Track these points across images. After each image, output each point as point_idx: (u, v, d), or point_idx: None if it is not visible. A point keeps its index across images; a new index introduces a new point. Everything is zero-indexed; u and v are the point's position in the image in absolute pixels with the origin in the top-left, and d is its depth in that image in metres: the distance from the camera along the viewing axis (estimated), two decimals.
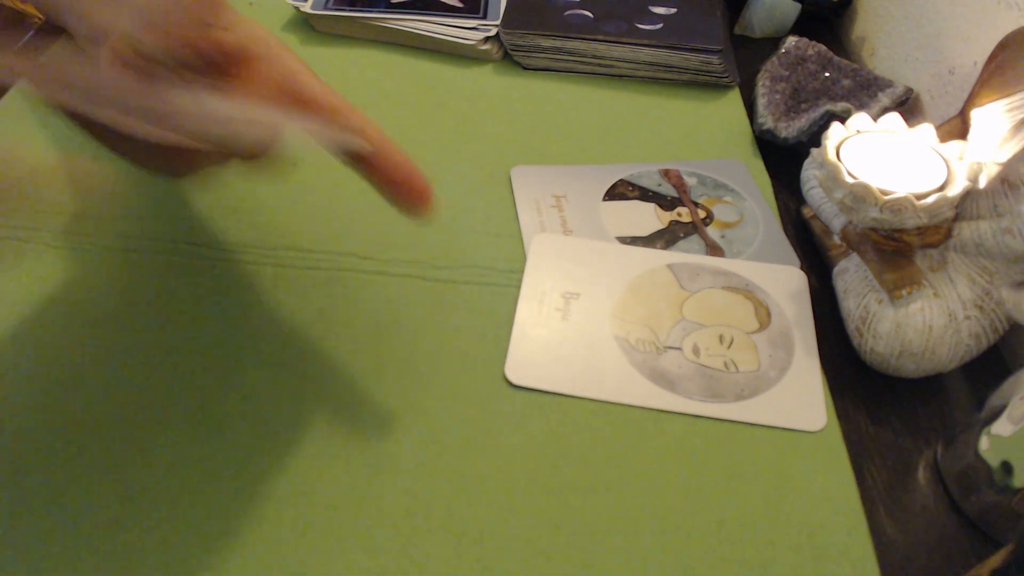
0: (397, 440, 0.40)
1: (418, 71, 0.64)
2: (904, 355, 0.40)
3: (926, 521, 0.38)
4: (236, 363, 0.42)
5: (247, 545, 0.35)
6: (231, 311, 0.45)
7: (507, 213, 0.52)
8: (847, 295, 0.43)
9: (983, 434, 0.37)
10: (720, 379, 0.42)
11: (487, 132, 0.58)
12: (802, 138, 0.55)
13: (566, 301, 0.46)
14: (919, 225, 0.39)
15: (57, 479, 0.37)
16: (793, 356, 0.43)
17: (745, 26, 0.71)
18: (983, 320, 0.39)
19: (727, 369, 0.43)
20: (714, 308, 0.46)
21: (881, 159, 0.41)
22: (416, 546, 0.36)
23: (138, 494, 0.37)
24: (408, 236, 0.50)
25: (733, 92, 0.63)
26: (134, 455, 0.38)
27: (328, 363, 0.43)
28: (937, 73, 0.58)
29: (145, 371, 0.42)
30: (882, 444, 0.41)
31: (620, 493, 0.38)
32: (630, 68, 0.63)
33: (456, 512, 0.37)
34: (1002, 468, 0.36)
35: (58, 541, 0.35)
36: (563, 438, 0.40)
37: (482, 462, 0.39)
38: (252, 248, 0.49)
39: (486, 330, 0.45)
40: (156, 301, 0.45)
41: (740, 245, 0.50)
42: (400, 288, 0.47)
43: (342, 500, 0.37)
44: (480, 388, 0.42)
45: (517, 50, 0.64)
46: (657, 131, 0.59)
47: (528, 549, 0.36)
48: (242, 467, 0.38)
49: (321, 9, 0.65)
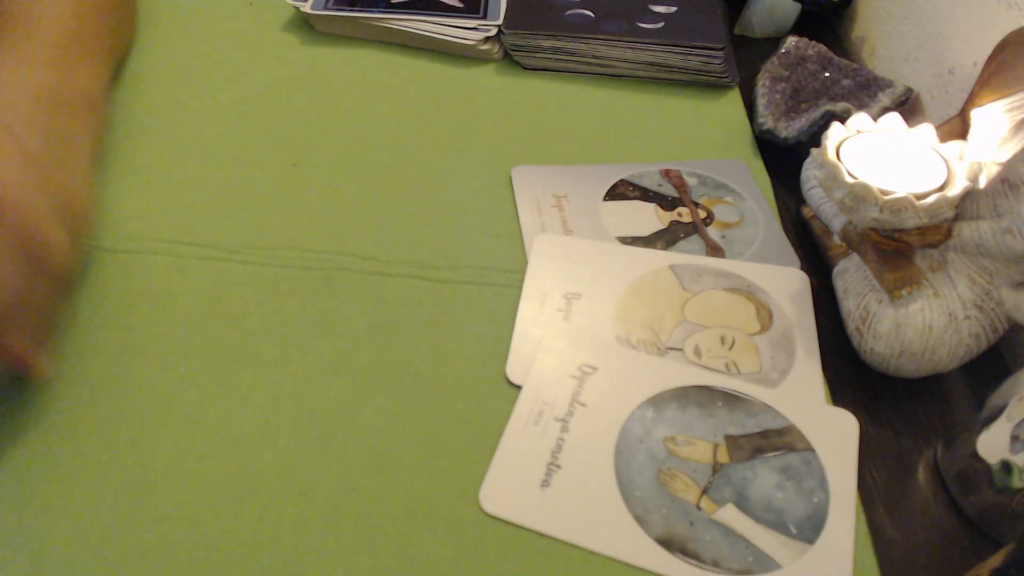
0: (397, 440, 0.40)
1: (418, 71, 0.64)
2: (904, 355, 0.40)
3: (926, 521, 0.38)
4: (236, 363, 0.42)
5: (247, 545, 0.35)
6: (231, 311, 0.45)
7: (507, 213, 0.52)
8: (847, 295, 0.43)
9: (983, 434, 0.37)
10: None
11: (487, 132, 0.58)
12: (802, 138, 0.55)
13: (568, 301, 0.46)
14: (919, 225, 0.39)
15: (56, 479, 0.37)
16: (794, 358, 0.43)
17: (745, 26, 0.71)
18: (983, 320, 0.39)
19: (728, 371, 0.43)
20: (716, 309, 0.46)
21: (881, 159, 0.41)
22: (416, 546, 0.36)
23: (137, 494, 0.37)
24: (408, 236, 0.50)
25: (733, 92, 0.63)
26: (133, 454, 0.38)
27: (328, 363, 0.43)
28: (937, 73, 0.58)
29: (145, 371, 0.42)
30: (882, 444, 0.41)
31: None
32: (630, 68, 0.63)
33: (456, 512, 0.37)
34: (1002, 468, 0.36)
35: (58, 541, 0.35)
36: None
37: (482, 462, 0.39)
38: (252, 248, 0.49)
39: (486, 330, 0.45)
40: (156, 301, 0.45)
41: (740, 245, 0.50)
42: (400, 288, 0.47)
43: (342, 500, 0.37)
44: (480, 388, 0.42)
45: (517, 50, 0.64)
46: (657, 131, 0.59)
47: (529, 547, 0.36)
48: (242, 467, 0.38)
49: (321, 9, 0.65)
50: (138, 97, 0.60)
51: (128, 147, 0.55)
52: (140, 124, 0.57)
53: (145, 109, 0.59)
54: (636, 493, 0.37)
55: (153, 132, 0.57)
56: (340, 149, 0.56)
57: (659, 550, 0.35)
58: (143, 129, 0.57)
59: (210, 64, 0.63)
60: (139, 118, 0.58)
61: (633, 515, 0.37)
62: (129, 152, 0.55)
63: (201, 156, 0.55)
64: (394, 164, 0.55)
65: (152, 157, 0.55)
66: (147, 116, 0.58)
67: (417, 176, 0.54)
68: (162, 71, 0.62)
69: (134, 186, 0.52)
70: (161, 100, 0.60)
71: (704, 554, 0.35)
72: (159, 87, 0.61)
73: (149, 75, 0.62)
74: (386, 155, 0.56)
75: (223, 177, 0.53)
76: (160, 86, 0.61)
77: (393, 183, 0.53)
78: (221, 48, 0.65)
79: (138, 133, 0.56)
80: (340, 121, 0.58)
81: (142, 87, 0.61)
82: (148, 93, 0.60)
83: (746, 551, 0.36)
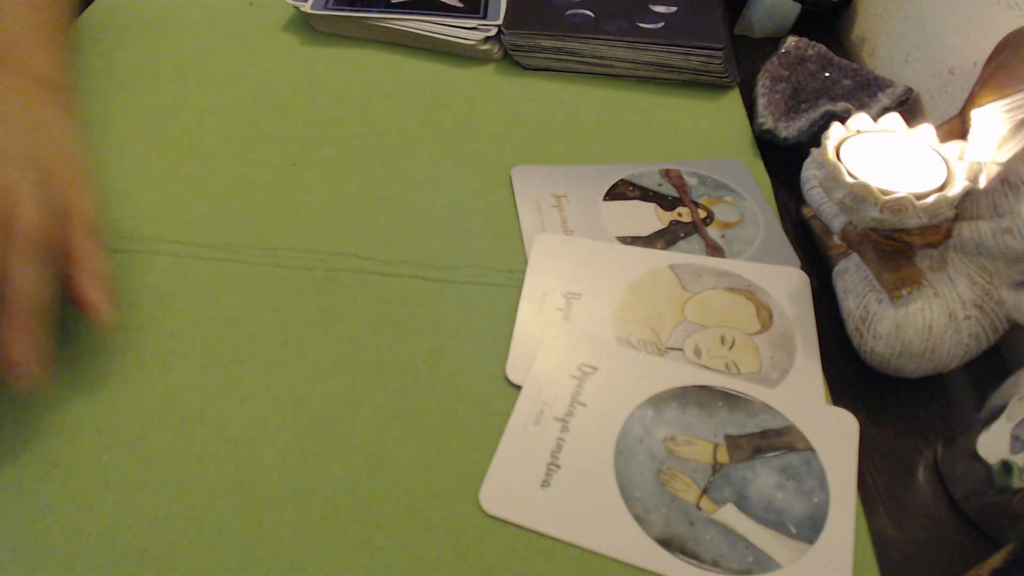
0: (397, 440, 0.40)
1: (418, 71, 0.64)
2: (904, 355, 0.40)
3: (926, 521, 0.38)
4: (236, 363, 0.42)
5: (247, 545, 0.35)
6: (231, 311, 0.45)
7: (507, 213, 0.52)
8: (847, 295, 0.43)
9: (983, 434, 0.37)
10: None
11: (487, 132, 0.58)
12: (802, 138, 0.55)
13: (568, 301, 0.46)
14: (919, 225, 0.39)
15: (56, 479, 0.37)
16: (794, 358, 0.43)
17: (745, 26, 0.71)
18: (983, 320, 0.39)
19: (728, 371, 0.43)
20: (716, 309, 0.46)
21: (881, 159, 0.41)
22: (416, 546, 0.36)
23: (137, 494, 0.37)
24: (408, 236, 0.50)
25: (733, 92, 0.63)
26: (133, 455, 0.38)
27: (328, 363, 0.43)
28: (937, 73, 0.58)
29: (145, 371, 0.42)
30: (882, 444, 0.41)
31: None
32: (630, 68, 0.63)
33: (457, 512, 0.37)
34: (1002, 468, 0.36)
35: (58, 541, 0.35)
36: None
37: (482, 462, 0.39)
38: (252, 248, 0.49)
39: (486, 330, 0.45)
40: (156, 301, 0.45)
41: (740, 245, 0.50)
42: (400, 288, 0.47)
43: (342, 500, 0.37)
44: (480, 388, 0.42)
45: (517, 50, 0.64)
46: (657, 131, 0.59)
47: (529, 547, 0.36)
48: (242, 467, 0.38)
49: (321, 9, 0.65)
50: (138, 97, 0.60)
51: (128, 147, 0.55)
52: (140, 124, 0.57)
53: (145, 109, 0.59)
54: (636, 493, 0.37)
55: (153, 132, 0.57)
56: (340, 149, 0.56)
57: (659, 550, 0.35)
58: (143, 129, 0.57)
59: (210, 64, 0.63)
60: (139, 118, 0.58)
61: (633, 515, 0.37)
62: (129, 152, 0.55)
63: (201, 156, 0.55)
64: (394, 164, 0.55)
65: (152, 157, 0.55)
66: (147, 116, 0.58)
67: (417, 176, 0.54)
68: (162, 71, 0.62)
69: (134, 186, 0.52)
70: (161, 100, 0.60)
71: (704, 554, 0.35)
72: (159, 87, 0.61)
73: (149, 75, 0.62)
74: (386, 155, 0.56)
75: (223, 177, 0.53)
76: (160, 86, 0.61)
77: (393, 183, 0.53)
78: (221, 48, 0.65)
79: (138, 133, 0.56)
80: (340, 121, 0.58)
81: (142, 87, 0.61)
82: (148, 93, 0.60)
83: (746, 551, 0.36)
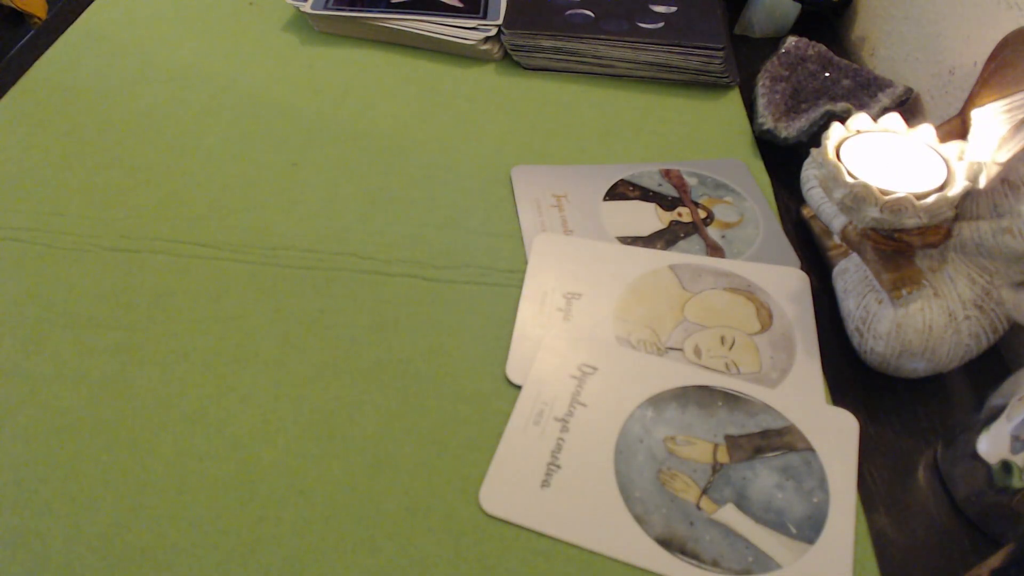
0: (397, 440, 0.40)
1: (418, 71, 0.64)
2: (904, 355, 0.40)
3: (926, 521, 0.38)
4: (236, 363, 0.42)
5: (247, 545, 0.35)
6: (231, 311, 0.45)
7: (507, 213, 0.52)
8: (847, 295, 0.43)
9: (983, 434, 0.37)
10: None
11: (487, 132, 0.58)
12: (802, 138, 0.55)
13: (568, 301, 0.46)
14: (919, 225, 0.39)
15: (56, 479, 0.37)
16: (794, 358, 0.43)
17: (745, 26, 0.71)
18: (983, 320, 0.39)
19: (728, 371, 0.43)
20: (716, 309, 0.46)
21: (881, 159, 0.41)
22: (416, 546, 0.36)
23: (137, 494, 0.37)
24: (408, 236, 0.50)
25: (733, 92, 0.63)
26: (133, 455, 0.38)
27: (328, 363, 0.43)
28: (937, 73, 0.58)
29: (145, 370, 0.42)
30: (882, 444, 0.41)
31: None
32: (630, 68, 0.63)
33: (456, 512, 0.37)
34: (1002, 468, 0.36)
35: (58, 541, 0.35)
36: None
37: (482, 462, 0.39)
38: (252, 248, 0.49)
39: (486, 330, 0.45)
40: (156, 301, 0.45)
41: (740, 245, 0.50)
42: (400, 288, 0.47)
43: (342, 500, 0.37)
44: (480, 388, 0.42)
45: (518, 50, 0.64)
46: (657, 131, 0.59)
47: (529, 547, 0.36)
48: (242, 467, 0.38)
49: (321, 9, 0.65)
50: (138, 97, 0.60)
51: (128, 147, 0.55)
52: (140, 124, 0.57)
53: (145, 109, 0.59)
54: (636, 493, 0.37)
55: (153, 132, 0.57)
56: (340, 149, 0.56)
57: (659, 550, 0.35)
58: (143, 129, 0.57)
59: (210, 64, 0.63)
60: (139, 118, 0.58)
61: (633, 515, 0.37)
62: (129, 152, 0.55)
63: (201, 156, 0.55)
64: (394, 164, 0.55)
65: (152, 157, 0.55)
66: (147, 116, 0.58)
67: (417, 176, 0.54)
68: (162, 70, 0.62)
69: (134, 185, 0.52)
70: (161, 100, 0.60)
71: (704, 554, 0.35)
72: (159, 87, 0.61)
73: (149, 75, 0.62)
74: (386, 155, 0.56)
75: (223, 177, 0.53)
76: (160, 86, 0.61)
77: (393, 183, 0.53)
78: (221, 48, 0.65)
79: (138, 133, 0.56)
80: (340, 121, 0.58)
81: (142, 87, 0.61)
82: (148, 93, 0.60)
83: (746, 551, 0.36)
